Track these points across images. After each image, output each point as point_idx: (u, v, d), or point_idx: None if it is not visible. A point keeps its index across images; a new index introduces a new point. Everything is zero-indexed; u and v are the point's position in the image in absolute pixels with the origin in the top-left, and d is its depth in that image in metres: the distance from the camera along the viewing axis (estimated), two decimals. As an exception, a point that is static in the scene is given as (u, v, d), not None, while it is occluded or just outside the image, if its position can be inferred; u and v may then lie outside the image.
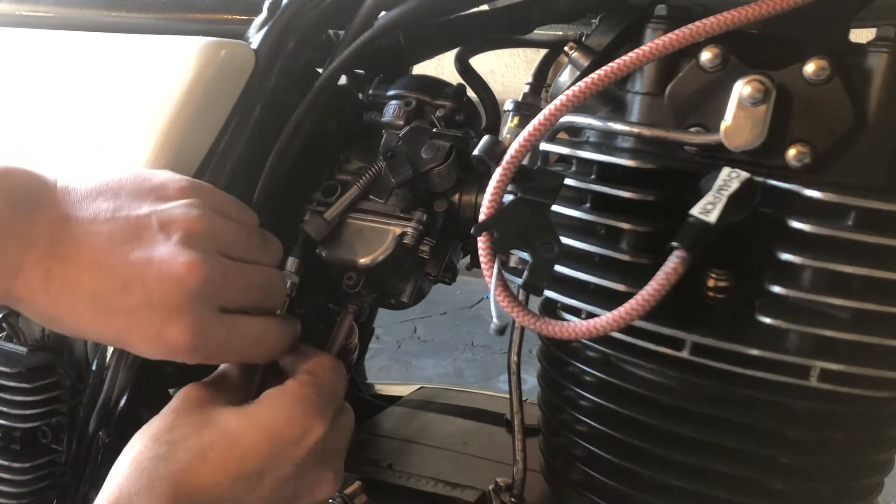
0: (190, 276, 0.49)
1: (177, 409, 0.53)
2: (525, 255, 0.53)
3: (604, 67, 0.49)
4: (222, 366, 0.59)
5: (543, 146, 0.58)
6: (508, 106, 0.72)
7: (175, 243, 0.50)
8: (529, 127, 0.50)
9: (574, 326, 0.48)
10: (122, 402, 0.74)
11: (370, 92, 0.70)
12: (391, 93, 0.68)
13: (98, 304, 0.49)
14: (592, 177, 0.54)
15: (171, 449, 0.50)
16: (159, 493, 0.48)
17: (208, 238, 0.51)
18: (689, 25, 0.49)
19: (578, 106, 0.50)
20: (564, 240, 0.50)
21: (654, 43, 0.49)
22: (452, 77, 0.72)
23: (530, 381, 0.60)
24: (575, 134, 0.60)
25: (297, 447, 0.52)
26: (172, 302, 0.49)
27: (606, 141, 0.57)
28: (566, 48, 0.61)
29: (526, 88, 0.78)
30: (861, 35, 0.56)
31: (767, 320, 0.48)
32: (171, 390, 0.84)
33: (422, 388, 1.01)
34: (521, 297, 0.53)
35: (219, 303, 0.51)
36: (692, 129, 0.52)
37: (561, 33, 0.79)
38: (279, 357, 0.58)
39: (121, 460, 0.51)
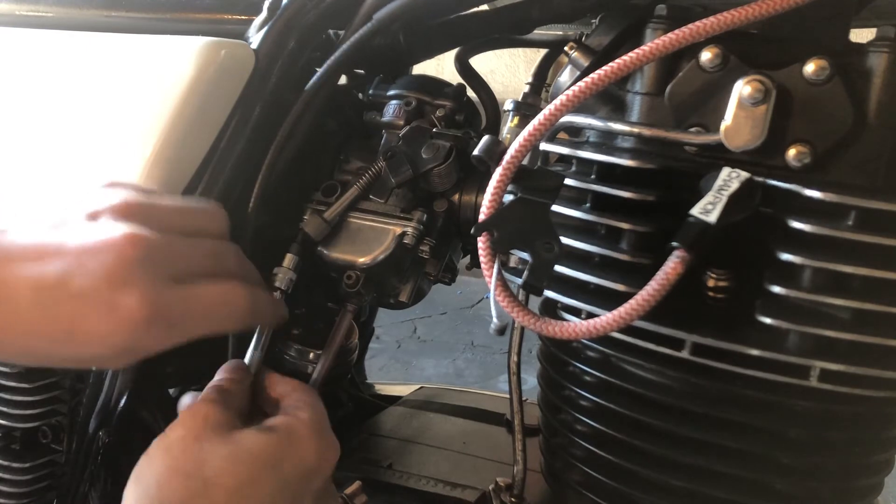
0: (131, 247, 0.47)
1: (197, 435, 0.50)
2: (525, 255, 0.53)
3: (604, 67, 0.49)
4: (214, 381, 0.57)
5: (543, 146, 0.58)
6: (508, 106, 0.72)
7: (108, 222, 0.48)
8: (529, 127, 0.50)
9: (574, 326, 0.48)
10: (122, 402, 0.74)
11: (370, 92, 0.71)
12: (391, 93, 0.68)
13: (40, 302, 0.46)
14: (592, 177, 0.54)
15: (206, 487, 0.47)
16: None
17: (142, 214, 0.49)
18: (689, 25, 0.48)
19: (578, 106, 0.50)
20: (564, 240, 0.50)
21: (654, 43, 0.49)
22: (452, 77, 0.72)
23: (530, 381, 0.60)
24: (575, 134, 0.60)
25: (319, 478, 0.52)
26: (119, 276, 0.46)
27: (606, 141, 0.57)
28: (566, 48, 0.61)
29: (526, 88, 0.78)
30: (861, 35, 0.56)
31: (767, 320, 0.48)
32: (171, 391, 0.84)
33: (422, 388, 1.01)
34: (521, 297, 0.53)
35: (168, 272, 0.48)
36: (692, 129, 0.52)
37: (561, 33, 0.79)
38: (254, 324, 0.56)
39: (140, 489, 0.48)
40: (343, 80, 0.73)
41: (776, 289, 0.48)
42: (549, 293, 0.55)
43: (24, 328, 0.47)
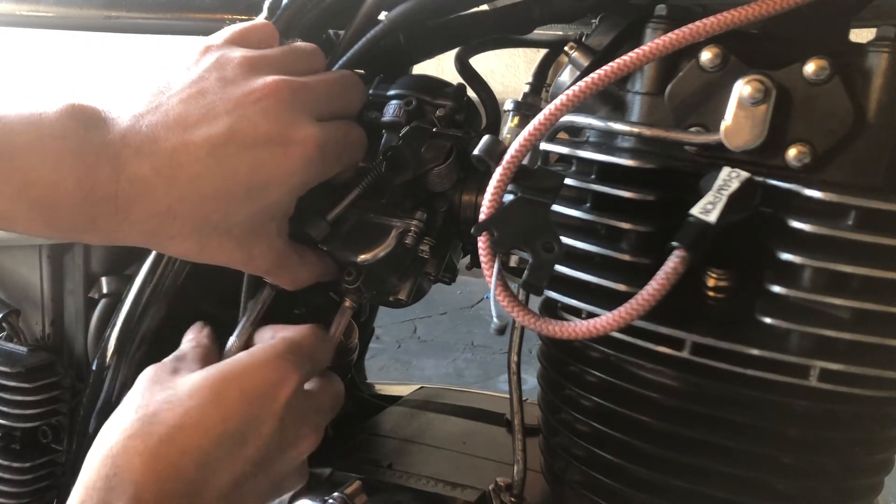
0: (277, 93, 0.51)
1: (140, 390, 0.52)
2: (525, 255, 0.53)
3: (604, 67, 0.49)
4: (181, 347, 0.59)
5: (543, 146, 0.58)
6: (508, 106, 0.72)
7: (242, 81, 0.51)
8: (529, 127, 0.50)
9: (574, 326, 0.48)
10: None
11: (370, 92, 0.70)
12: (391, 92, 0.68)
13: (216, 159, 0.49)
14: (593, 177, 0.54)
15: (143, 425, 0.49)
16: (138, 469, 0.46)
17: (266, 65, 0.53)
18: (689, 25, 0.48)
19: (578, 106, 0.50)
20: (564, 240, 0.50)
21: (654, 43, 0.49)
22: (452, 77, 0.72)
23: (530, 381, 0.60)
24: (575, 134, 0.60)
25: (274, 401, 0.52)
26: (282, 119, 0.50)
27: (606, 141, 0.57)
28: (566, 48, 0.61)
29: (526, 88, 0.78)
30: (861, 35, 0.56)
31: (767, 320, 0.48)
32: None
33: (422, 388, 1.01)
34: (521, 297, 0.53)
35: (313, 112, 0.53)
36: (692, 129, 0.52)
37: (561, 33, 0.79)
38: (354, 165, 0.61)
39: (92, 451, 0.49)
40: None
41: (776, 289, 0.48)
42: (549, 293, 0.55)
43: (202, 191, 0.49)
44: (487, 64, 0.88)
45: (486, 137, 0.52)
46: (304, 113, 0.52)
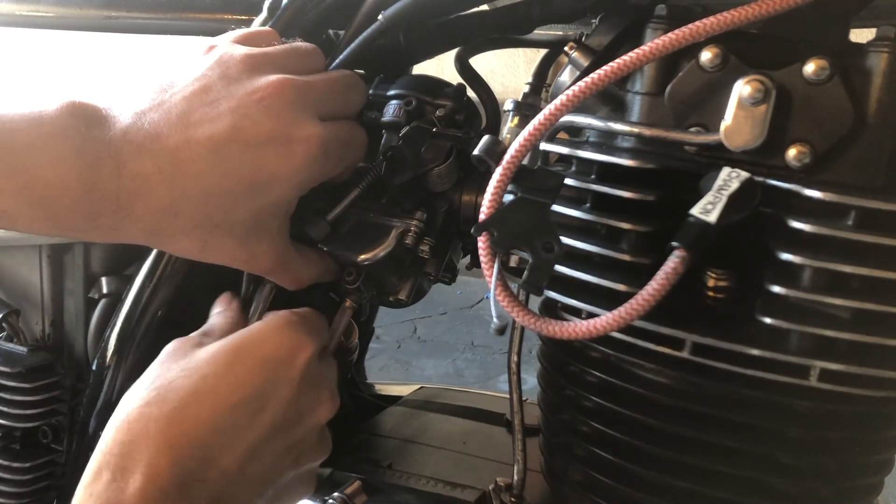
0: (281, 92, 0.51)
1: (159, 362, 0.53)
2: (525, 255, 0.53)
3: (604, 67, 0.49)
4: (209, 321, 0.59)
5: (543, 146, 0.58)
6: (508, 106, 0.72)
7: (246, 79, 0.51)
8: (529, 127, 0.50)
9: (574, 326, 0.48)
10: (122, 401, 0.74)
11: (370, 92, 0.70)
12: (391, 92, 0.68)
13: (218, 157, 0.49)
14: (592, 177, 0.54)
15: (160, 393, 0.49)
16: (153, 436, 0.47)
17: (270, 63, 0.53)
18: (689, 25, 0.48)
19: (578, 106, 0.50)
20: (564, 240, 0.50)
21: (654, 43, 0.49)
22: (452, 77, 0.72)
23: (530, 381, 0.60)
24: (575, 134, 0.60)
25: (291, 367, 0.52)
26: (285, 118, 0.51)
27: (606, 141, 0.57)
28: (566, 48, 0.61)
29: (526, 88, 0.78)
30: (861, 35, 0.56)
31: (767, 320, 0.48)
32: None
33: (422, 388, 1.01)
34: (521, 297, 0.53)
35: (316, 111, 0.53)
36: (692, 129, 0.52)
37: (561, 33, 0.79)
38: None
39: (111, 420, 0.50)
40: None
41: (776, 289, 0.48)
42: (549, 293, 0.55)
43: (204, 188, 0.50)
44: (487, 64, 0.88)
45: (486, 137, 0.52)
46: (306, 111, 0.52)
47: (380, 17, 0.63)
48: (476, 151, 0.51)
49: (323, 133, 0.52)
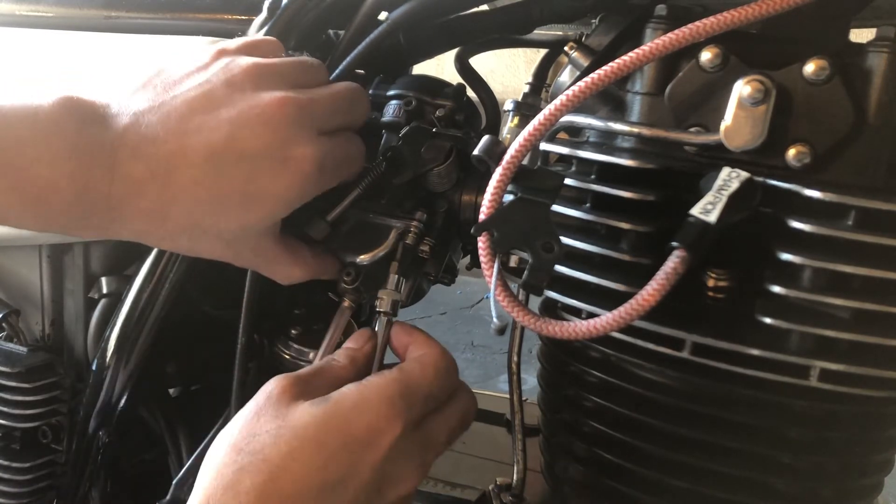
0: (282, 108, 0.51)
1: (257, 411, 0.52)
2: (525, 255, 0.53)
3: (604, 67, 0.49)
4: (325, 359, 0.58)
5: (543, 146, 0.58)
6: (508, 106, 0.72)
7: (250, 91, 0.51)
8: (529, 127, 0.50)
9: (574, 326, 0.48)
10: (122, 402, 0.74)
11: (370, 92, 0.70)
12: (391, 93, 0.68)
13: (213, 166, 0.49)
14: (592, 177, 0.54)
15: (253, 461, 0.48)
16: None
17: (276, 76, 0.53)
18: (689, 25, 0.48)
19: (578, 106, 0.50)
20: (564, 240, 0.50)
21: (654, 43, 0.49)
22: (452, 77, 0.72)
23: (530, 381, 0.60)
24: (575, 134, 0.60)
25: (376, 450, 0.50)
26: (283, 134, 0.51)
27: (607, 141, 0.57)
28: (566, 48, 0.61)
29: (526, 88, 0.78)
30: (861, 35, 0.56)
31: (767, 320, 0.48)
32: (171, 391, 0.84)
33: (422, 388, 1.00)
34: (521, 297, 0.53)
35: (316, 126, 0.53)
36: (692, 129, 0.52)
37: (561, 33, 0.80)
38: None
39: (205, 468, 0.50)
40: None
41: (776, 289, 0.48)
42: (549, 293, 0.55)
43: (196, 196, 0.50)
44: (487, 64, 0.88)
45: (485, 137, 0.52)
46: (306, 129, 0.52)
47: (382, 16, 0.63)
48: (476, 151, 0.51)
49: (319, 151, 0.52)
